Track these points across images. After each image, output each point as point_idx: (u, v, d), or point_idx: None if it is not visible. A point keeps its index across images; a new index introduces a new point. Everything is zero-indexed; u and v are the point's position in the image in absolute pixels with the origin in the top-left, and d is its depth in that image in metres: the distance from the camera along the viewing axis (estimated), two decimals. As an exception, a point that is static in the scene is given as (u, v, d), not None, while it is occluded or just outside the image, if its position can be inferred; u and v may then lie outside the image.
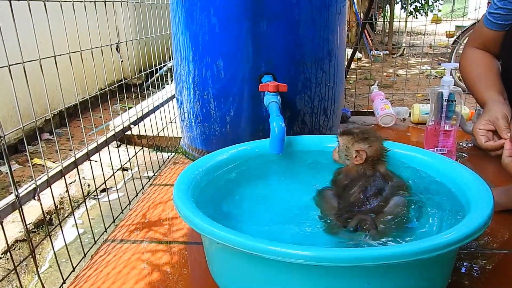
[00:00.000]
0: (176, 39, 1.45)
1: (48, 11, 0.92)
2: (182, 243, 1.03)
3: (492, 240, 1.01)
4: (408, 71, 4.06)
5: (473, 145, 1.66)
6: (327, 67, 1.40)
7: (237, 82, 1.34)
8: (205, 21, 1.31)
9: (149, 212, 1.21)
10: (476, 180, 0.84)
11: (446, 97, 1.39)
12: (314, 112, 1.42)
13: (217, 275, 0.81)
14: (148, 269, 0.93)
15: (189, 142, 1.56)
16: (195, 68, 1.39)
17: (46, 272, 1.37)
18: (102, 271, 0.93)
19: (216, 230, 0.67)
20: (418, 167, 1.00)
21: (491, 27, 1.07)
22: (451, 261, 0.78)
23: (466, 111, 1.92)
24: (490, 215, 0.70)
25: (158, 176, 1.47)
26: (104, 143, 1.16)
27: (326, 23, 1.37)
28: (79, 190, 1.88)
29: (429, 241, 0.62)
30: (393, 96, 2.95)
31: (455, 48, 3.59)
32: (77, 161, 1.00)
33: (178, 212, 0.76)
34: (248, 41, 1.29)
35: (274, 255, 0.61)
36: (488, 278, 0.87)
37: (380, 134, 1.02)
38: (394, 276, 0.66)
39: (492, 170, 1.47)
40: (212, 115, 1.40)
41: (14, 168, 2.10)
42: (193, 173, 0.91)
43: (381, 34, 6.82)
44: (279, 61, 1.33)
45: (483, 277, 0.88)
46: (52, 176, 0.91)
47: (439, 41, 5.79)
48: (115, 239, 1.07)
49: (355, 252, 0.60)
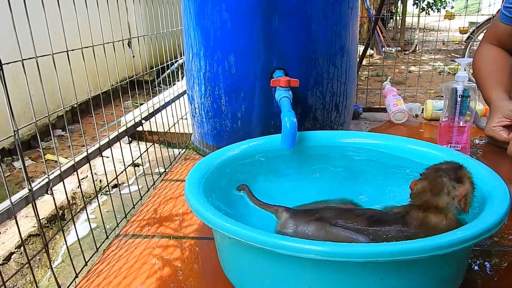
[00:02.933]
0: (188, 35, 1.45)
1: (60, 7, 0.92)
2: (193, 238, 1.03)
3: (506, 237, 1.00)
4: (420, 68, 4.01)
5: (487, 142, 1.63)
6: (339, 62, 1.39)
7: (249, 78, 1.33)
8: (216, 16, 1.31)
9: (160, 207, 1.21)
10: (492, 176, 0.82)
11: (461, 92, 1.37)
12: (326, 108, 1.41)
13: (228, 270, 0.81)
14: (159, 264, 0.93)
15: (200, 138, 1.56)
16: (206, 64, 1.38)
17: (59, 266, 1.39)
18: (114, 266, 0.94)
19: (227, 225, 0.66)
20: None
21: (506, 22, 1.05)
22: (466, 258, 0.77)
23: (481, 107, 1.89)
24: (506, 211, 0.69)
25: (169, 171, 1.47)
26: (116, 138, 1.17)
27: (338, 18, 1.35)
28: (91, 186, 1.90)
29: (444, 237, 0.61)
30: (405, 93, 2.93)
31: (469, 44, 3.54)
32: (89, 156, 1.00)
33: (190, 206, 0.76)
34: (260, 36, 1.29)
35: (286, 250, 0.61)
36: (501, 276, 0.86)
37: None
38: (408, 273, 0.65)
39: (507, 167, 1.44)
40: (223, 111, 1.40)
41: (27, 164, 2.12)
42: (204, 168, 0.90)
43: (393, 31, 6.75)
44: (291, 56, 1.32)
45: (496, 275, 0.86)
46: (64, 171, 0.91)
47: (452, 37, 5.71)
48: (127, 234, 1.07)
49: (369, 247, 0.59)
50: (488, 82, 1.04)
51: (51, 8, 0.91)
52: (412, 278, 0.65)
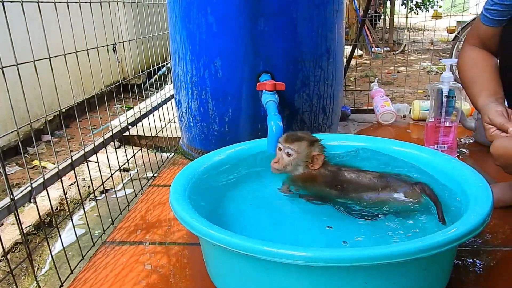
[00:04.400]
0: (174, 39, 1.44)
1: (43, 12, 0.92)
2: (180, 244, 1.03)
3: (495, 237, 1.00)
4: (409, 68, 4.04)
5: (474, 141, 1.65)
6: (325, 65, 1.39)
7: (235, 81, 1.33)
8: (202, 20, 1.31)
9: (148, 213, 1.20)
10: (475, 177, 0.83)
11: (446, 93, 1.38)
12: (313, 110, 1.41)
13: (214, 276, 0.81)
14: (147, 271, 0.92)
15: (188, 142, 1.55)
16: (192, 68, 1.38)
17: (46, 274, 1.37)
18: (100, 273, 0.93)
19: (211, 232, 0.66)
20: (415, 164, 0.99)
21: (488, 24, 1.05)
22: (450, 259, 0.77)
23: (467, 107, 1.90)
24: (489, 212, 0.70)
25: (157, 177, 1.46)
26: (102, 144, 1.16)
27: (324, 21, 1.36)
28: (78, 192, 1.88)
29: (426, 240, 0.61)
30: (393, 93, 2.94)
31: (456, 43, 3.57)
32: (74, 163, 0.99)
33: (174, 213, 0.75)
34: (246, 39, 1.29)
35: (270, 256, 0.61)
36: (490, 275, 0.87)
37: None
38: (392, 276, 0.65)
39: (494, 166, 1.45)
40: (211, 115, 1.39)
41: (14, 170, 2.10)
42: (190, 174, 0.90)
43: (381, 31, 6.79)
44: (277, 59, 1.32)
45: (485, 273, 0.87)
46: (48, 178, 0.90)
47: (440, 37, 5.76)
48: (114, 240, 1.06)
49: (352, 252, 0.59)
50: (473, 89, 1.05)
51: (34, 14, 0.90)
52: (396, 280, 0.66)
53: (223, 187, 0.96)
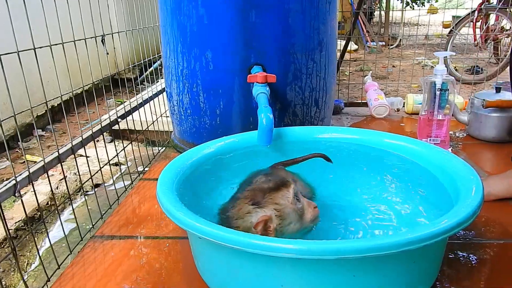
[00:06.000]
0: (164, 31, 1.43)
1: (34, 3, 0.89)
2: (170, 238, 1.02)
3: (488, 230, 1.00)
4: (404, 62, 4.03)
5: (467, 135, 1.64)
6: (318, 57, 1.38)
7: (227, 74, 1.32)
8: (192, 12, 1.29)
9: (138, 207, 1.19)
10: (466, 169, 0.82)
11: (439, 86, 1.37)
12: (305, 103, 1.40)
13: (203, 270, 0.80)
14: (137, 265, 0.91)
15: (179, 135, 1.54)
16: (183, 61, 1.36)
17: (36, 269, 1.35)
18: (88, 268, 0.92)
19: (197, 224, 0.65)
20: (406, 157, 0.98)
21: None
22: (440, 252, 0.76)
23: (460, 101, 1.90)
24: (479, 204, 0.69)
25: (149, 170, 1.45)
26: (90, 137, 1.14)
27: (316, 13, 1.34)
28: (70, 186, 1.86)
29: (415, 232, 0.60)
30: (388, 87, 2.93)
31: (450, 38, 3.56)
32: (61, 156, 0.98)
33: (161, 206, 0.74)
34: (237, 31, 1.27)
35: (255, 249, 0.60)
36: (484, 268, 0.86)
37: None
38: (381, 268, 0.64)
39: (486, 159, 1.45)
40: (202, 108, 1.38)
41: (4, 165, 2.07)
42: (178, 167, 0.89)
43: (377, 25, 6.78)
44: (269, 51, 1.30)
45: (479, 267, 0.86)
46: (34, 172, 0.89)
47: (436, 32, 5.75)
48: (103, 235, 1.05)
49: (339, 244, 0.58)
50: None
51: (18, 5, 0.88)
52: (385, 273, 0.65)
53: (213, 180, 0.95)
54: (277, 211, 0.75)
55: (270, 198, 0.76)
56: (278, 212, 0.75)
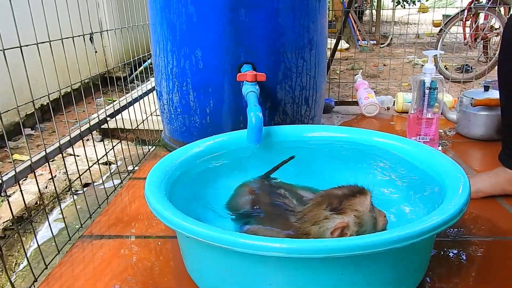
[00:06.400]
0: (154, 29, 1.42)
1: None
2: (161, 238, 1.01)
3: (477, 227, 1.01)
4: (395, 61, 4.05)
5: (456, 133, 1.66)
6: (308, 56, 1.38)
7: (216, 72, 1.31)
8: (182, 10, 1.28)
9: (128, 206, 1.19)
10: (453, 167, 0.83)
11: (428, 85, 1.38)
12: (296, 102, 1.40)
13: (191, 270, 0.80)
14: (125, 265, 0.91)
15: (169, 134, 1.53)
16: (173, 59, 1.36)
17: (24, 269, 1.34)
18: (76, 268, 0.91)
19: (185, 223, 0.65)
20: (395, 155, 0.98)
21: None
22: (428, 249, 0.77)
23: (450, 99, 1.91)
24: (465, 202, 0.69)
25: (138, 169, 1.44)
26: (78, 136, 1.13)
27: (306, 11, 1.34)
28: (59, 186, 1.84)
29: (402, 230, 0.61)
30: (378, 86, 2.95)
31: (440, 37, 3.59)
32: (48, 155, 0.97)
33: (149, 205, 0.74)
34: (227, 30, 1.27)
35: (242, 248, 0.60)
36: (473, 265, 0.87)
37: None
38: (368, 266, 0.64)
39: (474, 157, 1.47)
40: (192, 107, 1.37)
41: (-7, 165, 2.05)
42: (166, 166, 0.88)
43: (369, 24, 6.80)
44: (259, 50, 1.30)
45: (467, 264, 0.87)
46: (20, 171, 0.88)
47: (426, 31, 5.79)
48: (92, 234, 1.04)
49: (325, 243, 0.58)
50: None
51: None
52: (373, 271, 0.65)
53: (202, 179, 0.95)
54: (356, 217, 0.73)
55: (348, 204, 0.74)
56: (357, 219, 0.74)
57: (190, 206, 0.84)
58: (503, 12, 3.43)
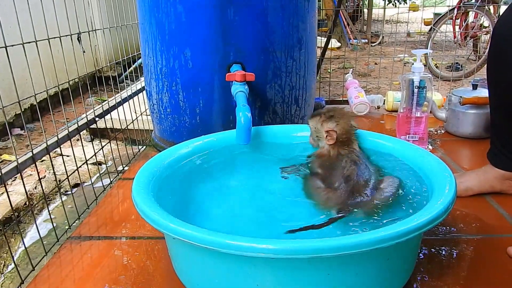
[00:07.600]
0: (143, 29, 1.41)
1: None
2: (148, 239, 1.01)
3: (466, 225, 1.01)
4: (386, 59, 4.07)
5: (445, 132, 1.67)
6: (297, 55, 1.38)
7: (206, 72, 1.31)
8: (170, 9, 1.28)
9: (117, 207, 1.18)
10: (440, 166, 0.83)
11: (417, 83, 1.39)
12: (285, 101, 1.40)
13: (179, 271, 0.80)
14: (114, 266, 0.90)
15: (159, 134, 1.53)
16: (162, 59, 1.35)
17: (12, 271, 1.33)
18: (63, 270, 0.90)
19: (171, 225, 0.65)
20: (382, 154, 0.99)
21: None
22: (414, 248, 0.77)
23: (439, 98, 1.92)
24: (451, 201, 0.70)
25: (128, 170, 1.44)
26: (66, 136, 1.12)
27: (295, 10, 1.34)
28: (49, 186, 1.83)
29: (387, 230, 0.61)
30: (369, 84, 2.96)
31: (431, 35, 3.61)
32: (35, 156, 0.96)
33: (135, 206, 0.74)
34: (216, 29, 1.26)
35: (228, 249, 0.60)
36: (463, 263, 0.87)
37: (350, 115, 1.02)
38: (355, 266, 0.64)
39: (463, 156, 1.48)
40: (182, 107, 1.37)
41: (-19, 165, 2.03)
42: (154, 166, 0.88)
43: (360, 23, 6.82)
44: (248, 49, 1.30)
45: (457, 262, 0.88)
46: (6, 172, 0.87)
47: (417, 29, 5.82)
48: (80, 235, 1.04)
49: (311, 243, 0.58)
50: None
51: None
52: (359, 271, 0.65)
53: (190, 180, 0.95)
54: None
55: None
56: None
57: (178, 207, 0.83)
58: (492, 10, 3.46)
